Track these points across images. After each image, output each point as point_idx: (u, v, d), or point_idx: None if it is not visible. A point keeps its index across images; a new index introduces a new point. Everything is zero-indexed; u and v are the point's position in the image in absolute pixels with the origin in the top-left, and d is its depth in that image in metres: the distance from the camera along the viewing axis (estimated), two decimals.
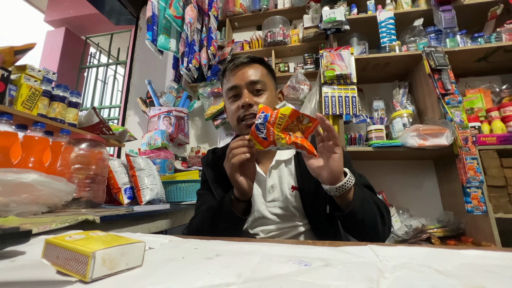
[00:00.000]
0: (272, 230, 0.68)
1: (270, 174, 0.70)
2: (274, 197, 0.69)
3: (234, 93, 0.68)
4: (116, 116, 2.75)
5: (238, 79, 0.67)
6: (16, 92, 0.88)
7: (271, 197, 0.69)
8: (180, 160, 1.72)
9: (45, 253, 0.25)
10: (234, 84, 0.67)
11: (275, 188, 0.69)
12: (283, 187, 0.69)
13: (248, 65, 0.69)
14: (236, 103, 0.68)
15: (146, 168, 1.04)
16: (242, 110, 0.66)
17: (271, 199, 0.69)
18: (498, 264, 0.27)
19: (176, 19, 1.58)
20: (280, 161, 0.71)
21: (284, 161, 0.71)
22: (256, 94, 0.67)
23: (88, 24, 3.29)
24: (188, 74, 1.70)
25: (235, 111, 0.68)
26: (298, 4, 2.02)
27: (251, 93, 0.67)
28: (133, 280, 0.23)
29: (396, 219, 1.39)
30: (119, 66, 3.09)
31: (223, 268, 0.26)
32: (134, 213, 0.72)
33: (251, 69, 0.68)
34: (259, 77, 0.68)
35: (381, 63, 1.62)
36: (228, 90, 0.69)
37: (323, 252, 0.32)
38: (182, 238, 0.41)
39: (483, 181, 1.23)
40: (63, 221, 0.46)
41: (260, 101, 0.66)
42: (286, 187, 0.69)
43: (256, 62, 0.71)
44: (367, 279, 0.23)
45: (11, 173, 0.51)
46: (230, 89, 0.68)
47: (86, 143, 0.83)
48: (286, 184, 0.69)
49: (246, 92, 0.66)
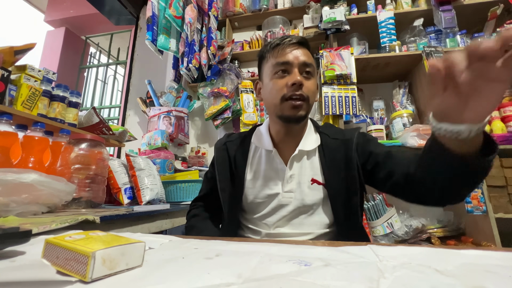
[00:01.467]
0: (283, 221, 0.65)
1: (291, 164, 0.66)
2: (291, 188, 0.65)
3: (284, 68, 0.63)
4: (116, 116, 2.75)
5: (292, 56, 0.63)
6: (16, 92, 0.88)
7: (288, 187, 0.65)
8: (180, 160, 1.72)
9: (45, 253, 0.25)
10: (287, 60, 0.63)
11: (293, 179, 0.65)
12: (302, 179, 0.65)
13: (303, 47, 0.65)
14: (284, 80, 0.62)
15: (146, 168, 1.04)
16: (291, 88, 0.61)
17: (288, 189, 0.65)
18: (498, 264, 0.27)
19: (176, 19, 1.58)
20: (304, 151, 0.67)
21: (307, 152, 0.67)
22: (306, 76, 0.63)
23: (88, 24, 3.29)
24: (188, 74, 1.70)
25: (280, 88, 0.62)
26: (298, 4, 2.02)
27: (301, 72, 0.63)
28: (133, 280, 0.23)
29: (396, 219, 1.39)
30: (119, 66, 3.09)
31: (223, 268, 0.26)
32: (134, 213, 0.72)
33: (305, 51, 0.65)
34: (311, 61, 0.65)
35: (381, 63, 1.62)
36: (277, 64, 0.63)
37: (323, 252, 0.32)
38: (182, 238, 0.41)
39: (483, 181, 1.23)
40: (63, 221, 0.46)
41: (309, 85, 0.63)
42: (306, 179, 0.65)
43: (308, 48, 0.67)
44: (367, 279, 0.23)
45: (11, 173, 0.51)
46: (280, 63, 0.63)
47: (86, 143, 0.83)
48: (305, 176, 0.65)
49: (297, 71, 0.62)
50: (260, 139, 0.71)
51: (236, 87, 1.87)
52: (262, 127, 0.73)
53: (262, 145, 0.69)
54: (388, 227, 1.37)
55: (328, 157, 0.65)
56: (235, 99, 1.87)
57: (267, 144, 0.68)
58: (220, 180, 0.70)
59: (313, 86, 0.64)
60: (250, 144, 0.73)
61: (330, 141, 0.67)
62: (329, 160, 0.65)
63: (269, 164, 0.68)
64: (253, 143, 0.72)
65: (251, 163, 0.71)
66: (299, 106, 0.61)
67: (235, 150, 0.72)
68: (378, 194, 1.46)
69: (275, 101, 0.64)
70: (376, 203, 1.43)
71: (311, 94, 0.63)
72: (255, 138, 0.72)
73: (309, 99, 0.63)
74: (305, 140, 0.67)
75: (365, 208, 1.43)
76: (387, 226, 1.37)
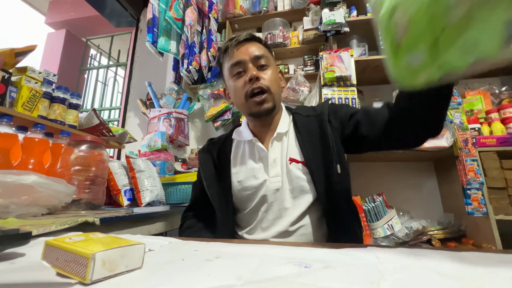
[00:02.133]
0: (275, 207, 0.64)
1: (272, 146, 0.68)
2: (277, 172, 0.65)
3: (239, 69, 0.67)
4: (116, 118, 2.76)
5: (243, 54, 0.66)
6: (16, 93, 0.88)
7: (274, 172, 0.66)
8: (180, 161, 1.72)
9: (45, 255, 0.25)
10: (239, 59, 0.66)
11: (277, 162, 0.66)
12: (285, 160, 0.66)
13: (250, 42, 0.68)
14: (242, 79, 0.66)
15: (146, 169, 1.04)
16: (250, 84, 0.64)
17: (273, 174, 0.65)
18: (499, 266, 0.27)
19: (177, 21, 1.59)
20: (281, 133, 0.69)
21: (285, 133, 0.69)
22: (261, 69, 0.66)
23: (88, 26, 3.30)
24: (188, 76, 1.71)
25: (242, 87, 0.66)
26: (298, 6, 2.03)
27: (256, 66, 0.66)
28: (133, 282, 0.23)
29: (397, 221, 1.39)
30: (119, 68, 3.10)
31: (223, 270, 0.26)
32: (134, 215, 0.72)
33: (254, 45, 0.68)
34: (262, 52, 0.67)
35: (381, 65, 1.61)
36: (232, 66, 0.67)
37: (323, 254, 0.32)
38: (182, 240, 0.41)
39: (483, 183, 1.23)
40: (62, 223, 0.46)
41: (265, 76, 0.65)
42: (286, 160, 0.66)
43: (256, 41, 0.70)
44: (367, 281, 0.22)
45: (11, 175, 0.51)
46: (234, 64, 0.67)
47: (86, 145, 0.83)
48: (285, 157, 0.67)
49: (251, 67, 0.65)
50: (240, 133, 0.74)
51: None
52: (242, 123, 0.77)
53: (242, 137, 0.73)
54: (389, 229, 1.37)
55: (303, 134, 0.67)
56: None
57: (247, 135, 0.72)
58: (206, 178, 0.72)
59: (271, 75, 0.66)
60: (232, 141, 0.76)
61: (304, 119, 0.70)
62: (305, 137, 0.66)
63: (251, 154, 0.70)
64: (234, 138, 0.76)
65: (233, 157, 0.73)
66: (263, 100, 0.64)
67: (217, 149, 0.76)
68: (378, 196, 1.46)
69: (241, 100, 0.67)
70: (376, 204, 1.43)
71: (271, 83, 0.66)
72: (236, 134, 0.76)
73: (270, 89, 0.65)
74: (281, 124, 0.70)
75: (365, 209, 1.43)
76: (387, 228, 1.37)
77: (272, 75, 0.67)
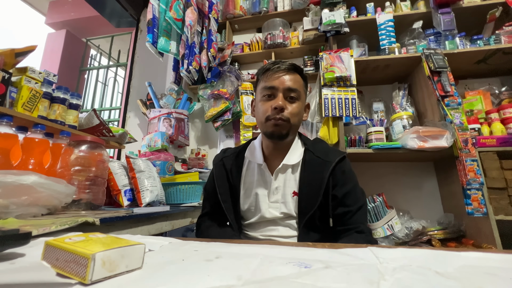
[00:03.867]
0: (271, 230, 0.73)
1: (276, 177, 0.74)
2: (277, 199, 0.73)
3: (270, 93, 0.71)
4: (116, 118, 2.76)
5: (278, 82, 0.70)
6: (16, 94, 0.88)
7: (274, 198, 0.73)
8: (180, 162, 1.72)
9: (45, 255, 0.25)
10: (273, 85, 0.70)
11: (279, 191, 0.73)
12: (286, 190, 0.72)
13: (290, 73, 0.72)
14: (269, 103, 0.71)
15: (146, 170, 1.04)
16: (274, 111, 0.69)
17: (274, 200, 0.73)
18: (499, 266, 0.27)
19: (177, 22, 1.59)
20: (287, 165, 0.74)
21: (292, 166, 0.74)
22: (290, 100, 0.71)
23: (89, 26, 3.30)
24: (188, 76, 1.71)
25: (266, 110, 0.71)
26: (298, 6, 2.04)
27: (285, 98, 0.70)
28: (133, 282, 0.23)
29: (397, 221, 1.39)
30: (119, 68, 3.10)
31: (223, 270, 0.26)
32: (134, 215, 0.72)
33: (292, 76, 0.71)
34: (296, 86, 0.71)
35: (381, 65, 1.62)
36: (265, 88, 0.72)
37: (323, 254, 0.32)
38: (182, 240, 0.41)
39: (483, 183, 1.23)
40: (62, 223, 0.46)
41: (291, 108, 0.70)
42: (289, 191, 0.72)
43: (297, 72, 0.73)
44: (367, 281, 0.22)
45: (11, 175, 0.51)
46: (267, 88, 0.71)
47: (86, 145, 0.82)
48: (289, 188, 0.73)
49: (281, 96, 0.70)
50: (253, 153, 0.79)
51: (236, 89, 1.87)
52: (256, 141, 0.81)
53: (254, 159, 0.77)
54: (389, 229, 1.37)
55: (307, 173, 0.72)
56: (235, 101, 1.88)
57: (258, 158, 0.77)
58: (221, 193, 0.77)
59: (296, 109, 0.71)
60: (244, 158, 0.81)
61: (313, 158, 0.73)
62: (307, 176, 0.71)
63: (260, 176, 0.76)
64: (247, 157, 0.79)
65: (245, 175, 0.79)
66: (280, 124, 0.69)
67: (231, 164, 0.80)
68: (379, 196, 1.46)
69: (261, 120, 0.73)
70: (377, 205, 1.43)
71: (293, 116, 0.70)
72: (249, 153, 0.80)
73: (290, 120, 0.70)
74: (290, 154, 0.74)
75: None
76: (387, 228, 1.37)
77: (297, 109, 0.71)
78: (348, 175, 0.71)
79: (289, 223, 0.72)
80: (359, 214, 0.68)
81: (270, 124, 0.70)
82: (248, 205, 0.76)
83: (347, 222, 0.67)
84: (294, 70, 0.72)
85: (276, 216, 0.72)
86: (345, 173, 0.71)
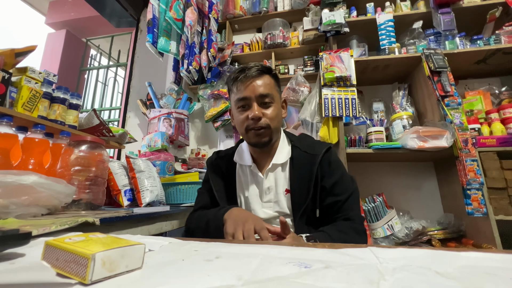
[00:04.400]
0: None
1: (267, 176, 0.74)
2: (270, 198, 0.74)
3: (243, 104, 0.71)
4: (116, 118, 2.76)
5: (249, 91, 0.70)
6: (16, 94, 0.88)
7: (267, 198, 0.74)
8: (180, 162, 1.72)
9: (44, 255, 0.25)
10: (245, 95, 0.70)
11: (271, 190, 0.74)
12: (278, 189, 0.74)
13: (258, 77, 0.71)
14: (245, 113, 0.71)
15: (146, 170, 1.04)
16: (252, 121, 0.69)
17: (267, 200, 0.74)
18: (499, 266, 0.27)
19: (177, 22, 1.59)
20: (277, 164, 0.75)
21: (281, 165, 0.75)
22: (264, 106, 0.71)
23: (89, 26, 3.30)
24: (188, 76, 1.71)
25: (243, 121, 0.71)
26: (298, 6, 2.04)
27: (259, 105, 0.70)
28: (133, 282, 0.23)
29: (397, 221, 1.39)
30: (119, 68, 3.10)
31: (223, 270, 0.26)
32: (134, 215, 0.72)
33: (261, 81, 0.70)
34: (268, 90, 0.70)
35: (381, 65, 1.62)
36: (238, 100, 0.71)
37: (323, 254, 0.32)
38: (182, 240, 0.41)
39: (483, 183, 1.23)
40: (62, 223, 0.46)
41: (268, 113, 0.70)
42: (281, 189, 0.73)
43: (265, 73, 0.72)
44: (367, 281, 0.22)
45: (11, 175, 0.51)
46: (240, 99, 0.71)
47: (86, 145, 0.82)
48: (281, 186, 0.74)
49: (255, 105, 0.69)
50: (241, 156, 0.80)
51: None
52: (243, 144, 0.82)
53: (243, 161, 0.78)
54: (389, 229, 1.37)
55: (296, 169, 0.72)
56: None
57: (247, 160, 0.77)
58: (217, 190, 0.78)
59: (273, 113, 0.71)
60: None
61: (300, 154, 0.74)
62: (297, 172, 0.72)
63: (251, 177, 0.78)
64: (236, 161, 0.80)
65: (238, 178, 0.80)
66: (261, 133, 0.70)
67: (225, 166, 0.81)
68: (379, 196, 1.46)
69: (241, 131, 0.74)
70: (377, 205, 1.43)
71: (272, 120, 0.71)
72: (237, 156, 0.80)
73: (270, 126, 0.70)
74: (278, 153, 0.75)
75: (365, 210, 1.43)
76: (387, 228, 1.37)
77: (273, 112, 0.71)
78: (334, 165, 0.71)
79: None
80: (349, 202, 0.68)
81: (252, 134, 0.71)
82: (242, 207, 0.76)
83: (337, 211, 0.67)
84: (261, 73, 0.71)
85: (270, 215, 0.73)
86: (331, 164, 0.71)
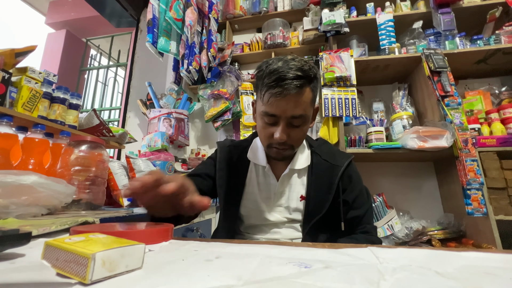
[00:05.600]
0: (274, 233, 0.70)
1: (282, 181, 0.71)
2: (281, 203, 0.70)
3: (271, 120, 0.62)
4: (116, 118, 2.76)
5: (279, 110, 0.59)
6: (16, 94, 0.88)
7: (278, 202, 0.70)
8: (180, 162, 1.72)
9: (44, 255, 0.25)
10: (274, 113, 0.60)
11: (284, 194, 0.70)
12: (292, 194, 0.70)
13: (296, 94, 0.58)
14: (270, 129, 0.63)
15: (146, 170, 1.04)
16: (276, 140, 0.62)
17: (277, 204, 0.70)
18: (499, 266, 0.27)
19: (177, 22, 1.59)
20: (294, 170, 0.71)
21: (298, 171, 0.71)
22: (293, 126, 0.62)
23: (89, 26, 3.30)
24: (188, 76, 1.71)
25: (266, 136, 0.64)
26: (298, 6, 2.04)
27: (287, 125, 0.61)
28: (133, 282, 0.23)
29: (397, 221, 1.39)
30: (119, 68, 3.10)
31: (223, 270, 0.26)
32: (134, 215, 0.72)
33: (297, 99, 0.59)
34: (301, 111, 0.60)
35: (381, 65, 1.62)
36: (265, 113, 0.61)
37: (323, 254, 0.32)
38: (182, 240, 0.41)
39: (483, 183, 1.23)
40: (62, 223, 0.46)
41: (294, 135, 0.63)
42: (295, 195, 0.70)
43: (306, 86, 0.59)
44: (367, 281, 0.22)
45: (11, 175, 0.51)
46: (267, 114, 0.61)
47: (86, 145, 0.82)
48: (295, 192, 0.70)
49: (284, 126, 0.60)
50: (255, 154, 0.74)
51: (236, 89, 1.87)
52: (258, 141, 0.75)
53: (257, 161, 0.73)
54: (389, 229, 1.37)
55: (315, 177, 0.69)
56: (235, 101, 1.88)
57: (261, 160, 0.72)
58: (220, 177, 0.72)
59: (300, 133, 0.64)
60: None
61: (320, 162, 0.71)
62: (315, 180, 0.69)
63: (264, 178, 0.73)
64: (250, 159, 0.74)
65: (249, 175, 0.74)
66: (283, 152, 0.65)
67: (236, 158, 0.75)
68: (379, 196, 1.46)
69: (263, 142, 0.68)
70: (377, 205, 1.43)
71: (296, 141, 0.65)
72: (251, 154, 0.74)
73: (294, 146, 0.66)
74: (296, 159, 0.71)
75: None
76: (387, 228, 1.37)
77: (301, 133, 0.64)
78: (356, 179, 0.70)
79: (293, 225, 0.70)
80: (367, 216, 0.68)
81: (273, 151, 0.65)
82: (249, 207, 0.72)
83: (356, 225, 0.67)
84: (301, 87, 0.58)
85: (279, 220, 0.70)
86: (352, 177, 0.70)
